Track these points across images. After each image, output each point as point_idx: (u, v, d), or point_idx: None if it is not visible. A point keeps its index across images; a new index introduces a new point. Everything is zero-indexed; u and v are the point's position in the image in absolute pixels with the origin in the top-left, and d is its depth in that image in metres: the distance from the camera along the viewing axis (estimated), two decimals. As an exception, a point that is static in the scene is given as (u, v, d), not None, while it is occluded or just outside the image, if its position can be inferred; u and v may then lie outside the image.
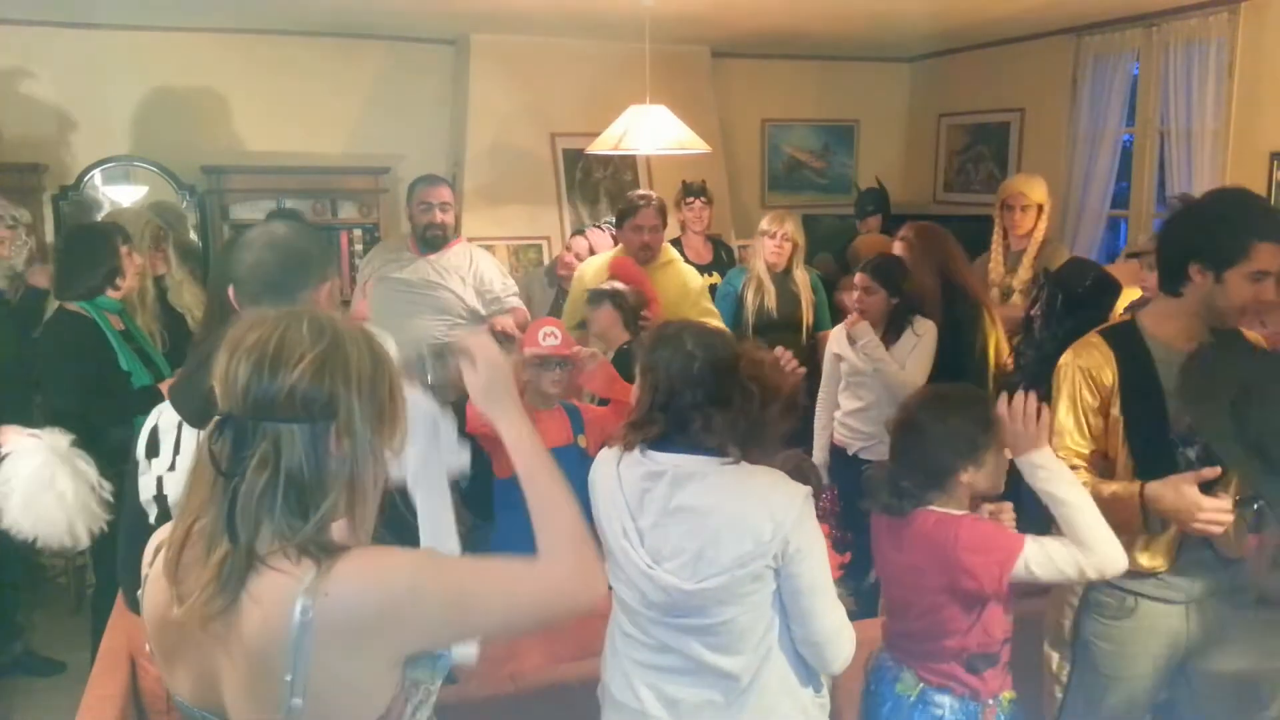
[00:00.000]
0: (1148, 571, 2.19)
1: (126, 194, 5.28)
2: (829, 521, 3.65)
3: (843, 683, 1.98)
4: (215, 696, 1.22)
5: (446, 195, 4.09)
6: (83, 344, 3.22)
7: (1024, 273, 4.27)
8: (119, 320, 3.36)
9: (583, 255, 4.65)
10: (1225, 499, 2.02)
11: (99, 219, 4.53)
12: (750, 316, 4.22)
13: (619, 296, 3.57)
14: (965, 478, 2.02)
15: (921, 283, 3.71)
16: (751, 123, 6.62)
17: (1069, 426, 2.22)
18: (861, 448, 3.73)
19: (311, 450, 1.15)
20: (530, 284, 4.87)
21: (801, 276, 4.31)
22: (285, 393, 1.14)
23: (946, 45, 6.33)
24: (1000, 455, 2.06)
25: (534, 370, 2.91)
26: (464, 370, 1.50)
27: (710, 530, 1.78)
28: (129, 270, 3.39)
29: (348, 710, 1.18)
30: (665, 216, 4.17)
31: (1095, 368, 2.20)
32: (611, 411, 2.97)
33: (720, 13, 4.91)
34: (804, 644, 1.87)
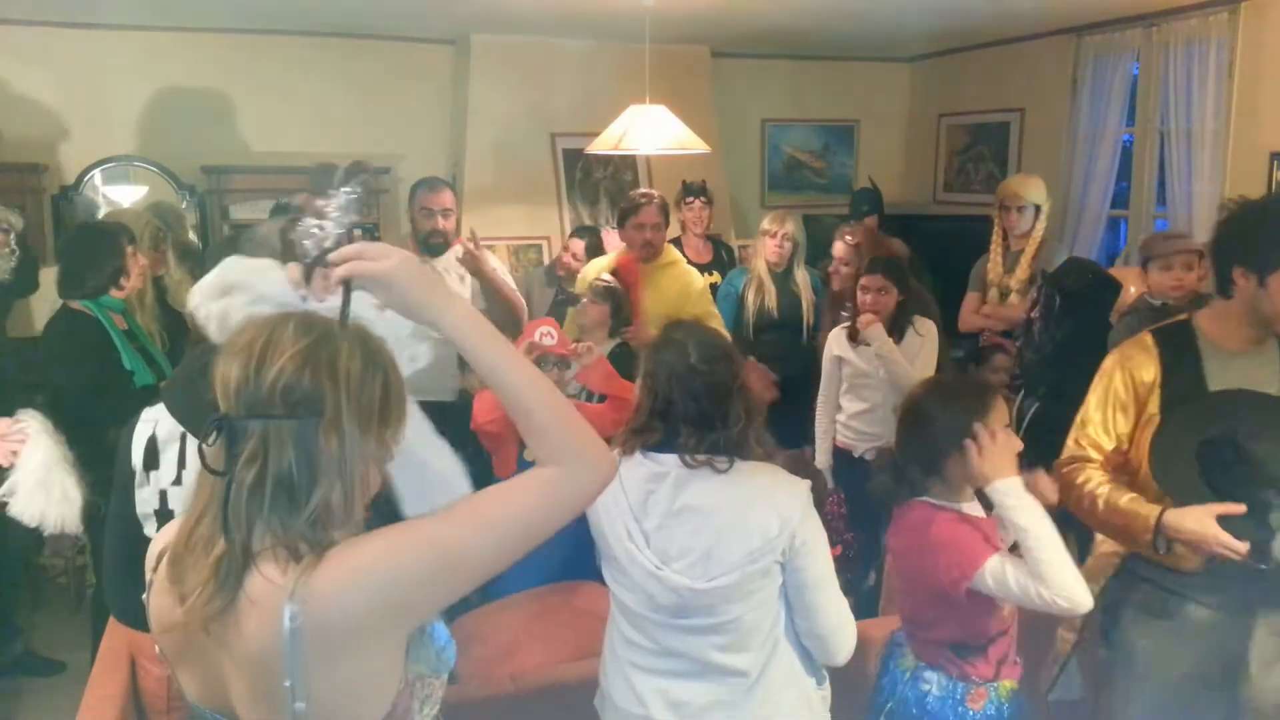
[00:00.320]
0: (1188, 571, 2.12)
1: (126, 194, 5.28)
2: (837, 525, 3.66)
3: (840, 674, 1.98)
4: (224, 698, 1.22)
5: (449, 201, 4.05)
6: (86, 343, 3.21)
7: (1021, 273, 4.28)
8: (122, 320, 3.35)
9: (580, 256, 4.64)
10: (1244, 545, 1.94)
11: (98, 219, 4.53)
12: (751, 317, 4.23)
13: (619, 299, 3.53)
14: (963, 465, 2.02)
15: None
16: (751, 123, 6.62)
17: (1095, 418, 2.22)
18: (867, 449, 3.71)
19: (300, 448, 1.14)
20: (530, 284, 4.86)
21: (802, 276, 4.33)
22: (269, 390, 1.14)
23: (946, 45, 6.33)
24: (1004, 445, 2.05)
25: None
26: (364, 277, 1.21)
27: (716, 529, 1.79)
28: (133, 270, 3.37)
29: (354, 708, 1.18)
30: (668, 215, 4.17)
31: (1136, 363, 2.19)
32: (609, 408, 2.94)
33: (720, 13, 4.91)
34: (808, 637, 1.87)
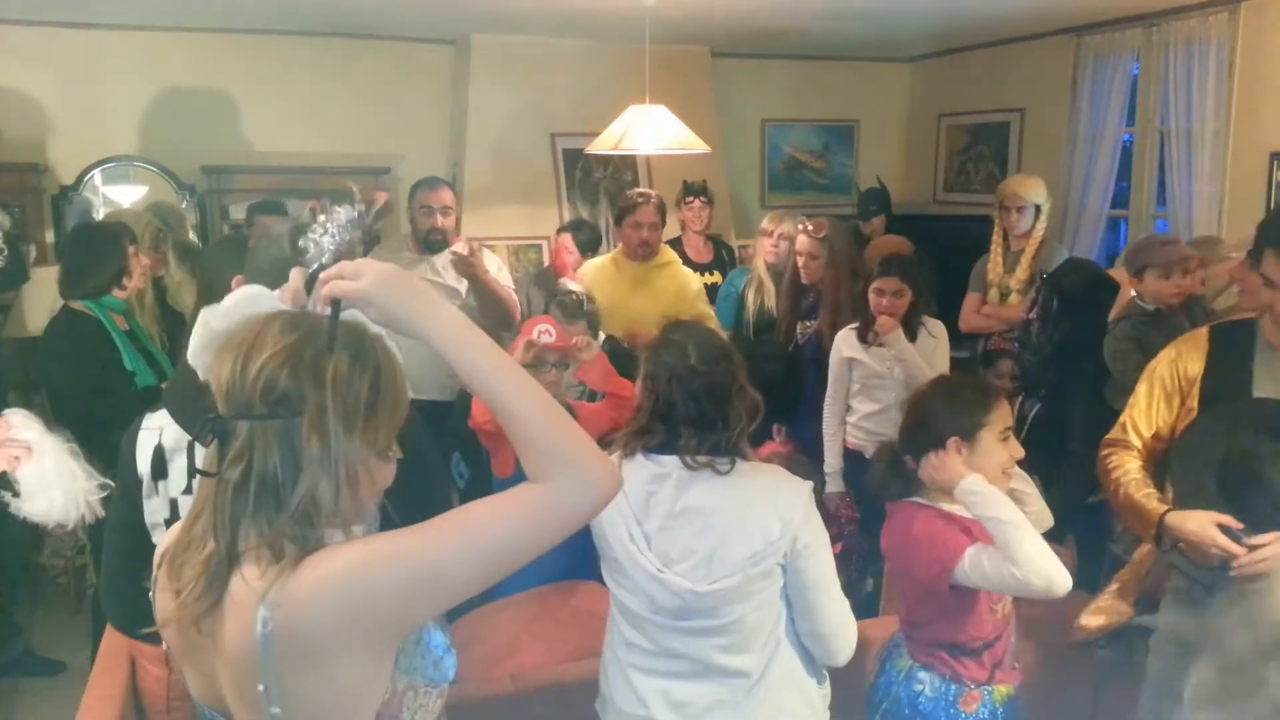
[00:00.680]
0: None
1: (126, 194, 5.28)
2: (851, 528, 3.65)
3: (840, 673, 1.98)
4: (219, 696, 1.22)
5: (448, 199, 4.07)
6: (87, 343, 3.20)
7: (1021, 273, 4.28)
8: (123, 320, 3.34)
9: (571, 249, 4.64)
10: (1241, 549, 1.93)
11: (99, 219, 4.52)
12: (751, 316, 4.22)
13: (590, 312, 3.44)
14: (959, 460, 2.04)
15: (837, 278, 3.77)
16: (751, 123, 6.62)
17: (1141, 404, 2.24)
18: (880, 450, 3.70)
19: (285, 447, 1.13)
20: (529, 284, 4.86)
21: (802, 276, 4.32)
22: (252, 389, 1.13)
23: (946, 45, 6.33)
24: (1003, 445, 2.07)
25: (529, 369, 2.87)
26: (343, 296, 1.17)
27: (719, 530, 1.79)
28: (135, 270, 3.36)
29: (332, 716, 1.16)
30: (664, 214, 4.17)
31: (1184, 356, 2.19)
32: (607, 407, 2.91)
33: (720, 13, 4.91)
34: (810, 637, 1.87)
